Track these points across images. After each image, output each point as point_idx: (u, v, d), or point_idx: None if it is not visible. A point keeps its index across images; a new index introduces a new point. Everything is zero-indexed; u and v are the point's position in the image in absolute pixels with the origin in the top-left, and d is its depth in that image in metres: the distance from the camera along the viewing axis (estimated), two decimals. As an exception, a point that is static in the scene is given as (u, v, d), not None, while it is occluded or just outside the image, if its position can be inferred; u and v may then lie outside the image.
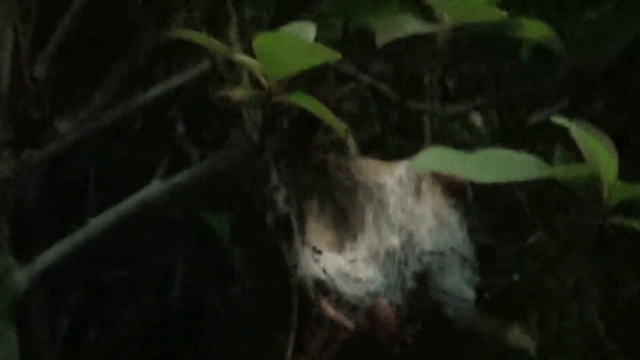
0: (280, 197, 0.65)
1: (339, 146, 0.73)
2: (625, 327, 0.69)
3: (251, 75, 0.64)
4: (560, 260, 0.71)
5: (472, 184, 0.75)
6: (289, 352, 1.07)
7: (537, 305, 0.70)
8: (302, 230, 0.67)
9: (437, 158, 0.63)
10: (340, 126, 0.63)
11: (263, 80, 0.63)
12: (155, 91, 0.91)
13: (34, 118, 0.87)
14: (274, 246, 0.67)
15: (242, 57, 0.61)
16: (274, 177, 0.65)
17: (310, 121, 0.76)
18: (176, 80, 0.92)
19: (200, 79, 0.90)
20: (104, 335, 1.31)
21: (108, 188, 0.86)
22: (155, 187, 0.85)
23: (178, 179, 0.84)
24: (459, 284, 0.71)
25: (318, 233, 0.71)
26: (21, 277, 0.84)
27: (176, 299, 1.36)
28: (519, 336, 0.71)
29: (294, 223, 0.65)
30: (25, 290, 0.84)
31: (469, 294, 0.71)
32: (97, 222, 0.86)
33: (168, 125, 1.03)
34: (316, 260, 0.66)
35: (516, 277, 0.72)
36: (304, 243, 0.67)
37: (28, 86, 0.84)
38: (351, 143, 0.65)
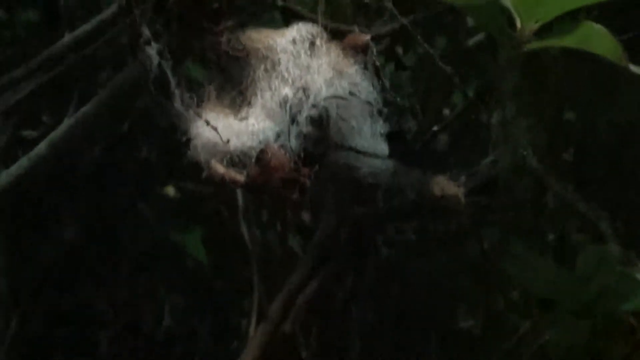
0: (153, 50, 0.60)
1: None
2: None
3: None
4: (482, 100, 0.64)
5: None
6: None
7: (462, 149, 0.63)
8: (181, 86, 0.61)
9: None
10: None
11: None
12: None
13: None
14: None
15: None
16: (145, 31, 0.60)
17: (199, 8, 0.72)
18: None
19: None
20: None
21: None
22: (65, 125, 0.80)
23: (85, 109, 0.79)
24: (369, 138, 0.65)
25: (216, 111, 0.66)
26: None
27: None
28: (444, 185, 0.64)
29: (170, 77, 0.60)
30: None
31: (382, 148, 0.65)
32: (11, 171, 0.82)
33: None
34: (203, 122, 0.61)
35: (436, 128, 0.65)
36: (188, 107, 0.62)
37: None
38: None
